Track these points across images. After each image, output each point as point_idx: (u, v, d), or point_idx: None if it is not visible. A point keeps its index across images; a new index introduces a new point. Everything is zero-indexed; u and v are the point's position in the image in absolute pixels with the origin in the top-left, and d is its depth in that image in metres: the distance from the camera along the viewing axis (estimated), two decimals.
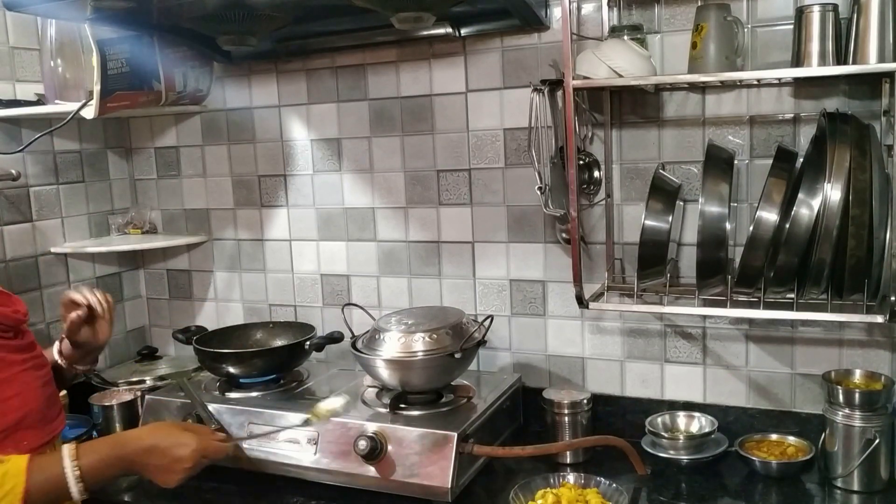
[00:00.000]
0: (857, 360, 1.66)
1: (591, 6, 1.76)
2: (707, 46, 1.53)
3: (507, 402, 1.80)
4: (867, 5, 1.40)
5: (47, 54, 1.97)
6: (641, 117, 1.76)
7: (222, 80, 2.20)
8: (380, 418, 1.65)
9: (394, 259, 2.08)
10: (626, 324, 1.85)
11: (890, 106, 1.49)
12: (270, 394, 1.85)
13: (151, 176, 2.36)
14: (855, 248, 1.40)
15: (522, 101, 1.75)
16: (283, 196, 2.19)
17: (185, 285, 2.38)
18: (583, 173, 1.77)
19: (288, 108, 2.14)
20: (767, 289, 1.53)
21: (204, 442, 1.35)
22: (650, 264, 1.61)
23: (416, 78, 1.97)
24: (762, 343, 1.74)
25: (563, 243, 1.84)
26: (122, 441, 1.33)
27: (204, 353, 1.89)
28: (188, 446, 1.31)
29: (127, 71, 1.91)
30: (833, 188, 1.40)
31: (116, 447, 1.30)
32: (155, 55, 1.99)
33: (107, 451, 1.27)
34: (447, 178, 1.98)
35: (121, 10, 1.64)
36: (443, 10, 1.60)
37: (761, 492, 1.56)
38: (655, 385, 1.84)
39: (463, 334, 1.71)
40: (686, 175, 1.73)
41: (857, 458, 1.52)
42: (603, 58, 1.56)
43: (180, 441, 1.32)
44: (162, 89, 2.02)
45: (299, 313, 2.22)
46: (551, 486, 1.53)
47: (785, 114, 1.65)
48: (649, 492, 1.58)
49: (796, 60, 1.49)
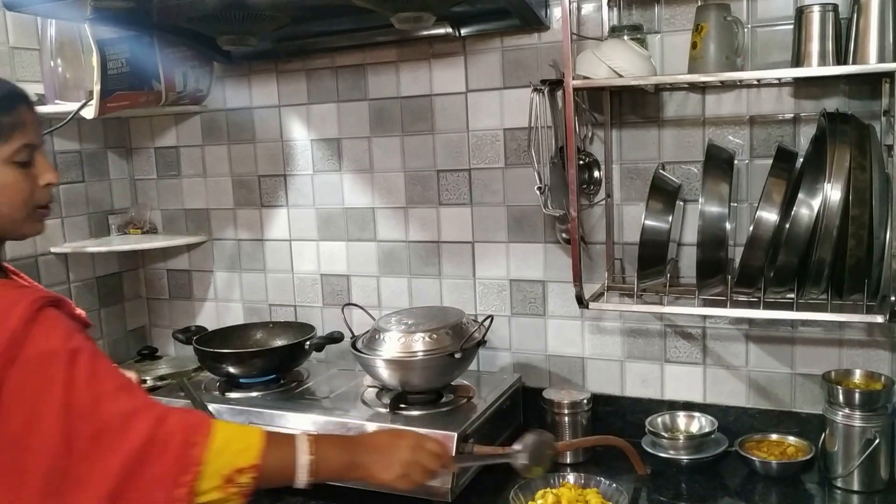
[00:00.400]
0: (857, 360, 1.66)
1: (591, 6, 1.76)
2: (707, 46, 1.53)
3: (507, 402, 1.80)
4: (867, 5, 1.40)
5: (47, 54, 1.97)
6: (641, 117, 1.76)
7: (222, 80, 2.20)
8: (380, 418, 1.65)
9: (394, 259, 2.08)
10: (626, 324, 1.85)
11: (890, 106, 1.49)
12: (270, 394, 1.85)
13: (151, 176, 2.36)
14: (855, 248, 1.40)
15: (522, 101, 1.75)
16: (283, 196, 2.19)
17: (185, 285, 2.38)
18: (583, 173, 1.77)
19: (288, 108, 2.14)
20: (767, 289, 1.53)
21: (421, 439, 1.31)
22: (650, 264, 1.61)
23: (416, 78, 1.97)
24: (762, 343, 1.74)
25: (563, 243, 1.84)
26: (351, 439, 1.32)
27: (204, 353, 1.89)
28: (407, 444, 1.27)
29: (127, 71, 1.91)
30: (833, 188, 1.40)
31: (347, 443, 1.28)
32: (155, 55, 1.99)
33: (338, 447, 1.25)
34: (447, 178, 1.98)
35: (121, 10, 1.64)
36: (443, 10, 1.60)
37: (761, 492, 1.56)
38: (655, 385, 1.84)
39: (463, 334, 1.71)
40: (686, 175, 1.73)
41: (857, 458, 1.52)
42: (603, 58, 1.56)
43: (400, 443, 1.28)
44: (162, 89, 2.02)
45: (299, 313, 2.22)
46: (551, 486, 1.54)
47: (785, 114, 1.65)
48: (649, 492, 1.58)
49: (796, 60, 1.49)
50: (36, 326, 1.06)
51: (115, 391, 1.08)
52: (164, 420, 1.09)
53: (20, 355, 1.04)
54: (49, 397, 1.04)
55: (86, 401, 1.05)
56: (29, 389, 1.04)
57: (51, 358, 1.05)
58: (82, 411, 1.05)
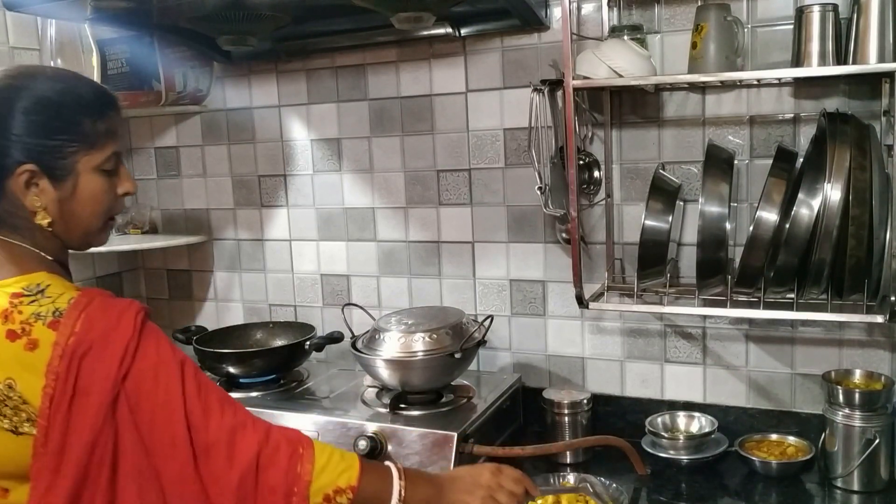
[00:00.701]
0: (857, 360, 1.66)
1: (591, 6, 1.76)
2: (707, 46, 1.53)
3: (507, 402, 1.80)
4: (867, 5, 1.40)
5: (47, 54, 1.97)
6: (641, 117, 1.76)
7: (222, 80, 2.20)
8: (380, 418, 1.65)
9: (394, 259, 2.08)
10: (626, 324, 1.85)
11: (890, 106, 1.49)
12: (270, 394, 1.85)
13: (151, 176, 2.36)
14: (855, 248, 1.40)
15: (522, 101, 1.75)
16: (283, 196, 2.19)
17: (185, 285, 2.38)
18: (583, 173, 1.77)
19: (288, 108, 2.14)
20: (767, 289, 1.53)
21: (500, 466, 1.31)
22: (650, 264, 1.61)
23: (416, 78, 1.97)
24: (762, 343, 1.74)
25: (563, 243, 1.84)
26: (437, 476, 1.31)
27: (204, 353, 1.89)
28: (487, 469, 1.29)
29: (127, 71, 1.91)
30: (833, 188, 1.40)
31: (432, 475, 1.29)
32: (155, 55, 1.99)
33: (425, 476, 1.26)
34: (447, 178, 1.98)
35: (121, 10, 1.64)
36: (443, 10, 1.60)
37: (761, 492, 1.56)
38: (655, 385, 1.84)
39: (463, 334, 1.71)
40: (686, 175, 1.73)
41: (857, 458, 1.52)
42: (603, 58, 1.56)
43: (480, 469, 1.29)
44: (162, 89, 2.02)
45: (299, 313, 2.22)
46: (551, 486, 1.54)
47: (785, 114, 1.65)
48: (649, 492, 1.58)
49: (796, 60, 1.49)
50: (144, 339, 1.05)
51: (220, 404, 1.09)
52: (268, 434, 1.10)
53: (133, 368, 1.03)
54: (174, 408, 1.04)
55: (198, 413, 1.06)
56: (150, 402, 1.04)
57: (166, 369, 1.05)
58: (196, 424, 1.05)
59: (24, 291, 1.06)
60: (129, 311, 1.07)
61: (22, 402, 1.02)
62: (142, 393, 1.04)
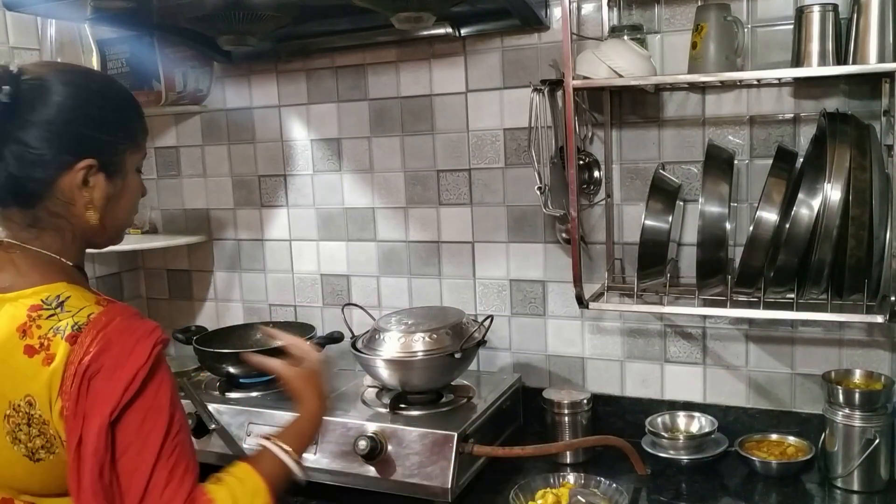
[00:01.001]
0: (857, 360, 1.66)
1: (591, 6, 1.76)
2: (707, 46, 1.53)
3: (507, 402, 1.80)
4: (867, 5, 1.40)
5: (47, 54, 1.97)
6: (641, 117, 1.76)
7: (222, 80, 2.20)
8: (380, 418, 1.65)
9: (394, 259, 2.08)
10: (626, 324, 1.85)
11: (890, 106, 1.49)
12: (270, 394, 1.85)
13: (151, 176, 2.35)
14: (855, 248, 1.40)
15: (522, 101, 1.75)
16: (283, 196, 2.19)
17: (185, 285, 2.38)
18: (583, 173, 1.77)
19: (288, 108, 2.14)
20: (767, 289, 1.53)
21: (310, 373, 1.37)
22: (650, 264, 1.61)
23: (416, 78, 1.97)
24: (762, 343, 1.74)
25: (563, 243, 1.84)
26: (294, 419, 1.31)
27: (204, 353, 1.89)
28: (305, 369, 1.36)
29: (127, 71, 1.91)
30: (833, 188, 1.40)
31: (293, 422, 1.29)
32: (155, 55, 1.99)
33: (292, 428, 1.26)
34: (447, 178, 1.98)
35: (121, 10, 1.64)
36: (443, 10, 1.60)
37: (761, 492, 1.56)
38: (655, 385, 1.84)
39: (463, 334, 1.71)
40: (686, 175, 1.73)
41: (857, 458, 1.52)
42: (603, 58, 1.56)
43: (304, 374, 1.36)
44: (162, 89, 2.02)
45: (299, 313, 2.22)
46: (551, 486, 1.54)
47: (785, 114, 1.65)
48: (649, 492, 1.58)
49: (796, 60, 1.49)
50: (153, 380, 1.02)
51: (184, 473, 1.03)
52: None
53: (135, 403, 1.01)
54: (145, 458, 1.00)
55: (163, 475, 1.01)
56: (126, 441, 1.00)
57: (154, 416, 1.02)
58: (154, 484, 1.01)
59: (43, 304, 1.04)
60: (148, 340, 1.04)
61: (42, 421, 1.01)
62: (124, 426, 1.01)
